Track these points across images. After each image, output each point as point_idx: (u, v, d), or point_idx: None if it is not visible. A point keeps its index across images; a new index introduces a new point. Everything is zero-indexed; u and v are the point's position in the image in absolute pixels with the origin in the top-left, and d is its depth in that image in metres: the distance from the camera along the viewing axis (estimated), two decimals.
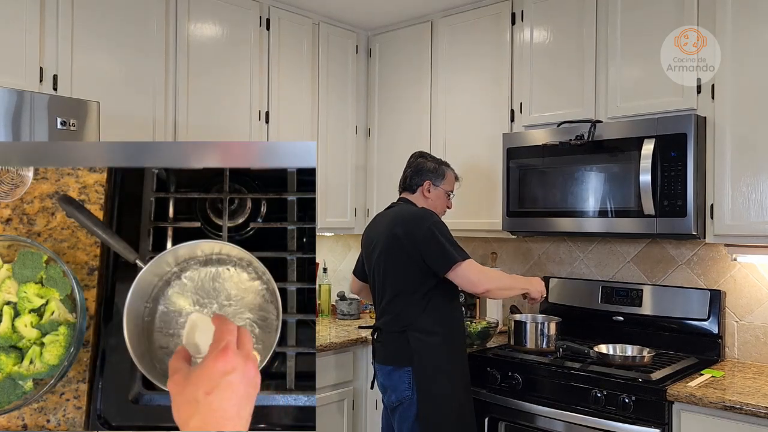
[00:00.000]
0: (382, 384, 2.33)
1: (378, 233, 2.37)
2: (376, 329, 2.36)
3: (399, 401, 2.24)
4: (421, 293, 2.24)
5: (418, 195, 2.44)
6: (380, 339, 2.33)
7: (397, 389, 2.24)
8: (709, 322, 2.51)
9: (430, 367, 2.21)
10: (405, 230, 2.24)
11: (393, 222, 2.30)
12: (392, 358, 2.27)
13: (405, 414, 2.23)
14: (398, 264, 2.26)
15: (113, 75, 2.50)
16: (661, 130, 2.32)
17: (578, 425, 2.25)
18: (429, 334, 2.23)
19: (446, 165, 2.52)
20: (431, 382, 2.20)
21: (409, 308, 2.24)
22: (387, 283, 2.31)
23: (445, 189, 2.48)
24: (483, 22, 3.02)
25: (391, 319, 2.29)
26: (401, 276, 2.26)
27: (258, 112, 3.00)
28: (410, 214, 2.32)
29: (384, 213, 2.47)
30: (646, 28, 2.46)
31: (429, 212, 2.32)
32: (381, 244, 2.33)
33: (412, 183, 2.45)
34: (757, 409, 1.90)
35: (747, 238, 2.25)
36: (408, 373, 2.22)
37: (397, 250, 2.26)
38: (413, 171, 2.46)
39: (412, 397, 2.21)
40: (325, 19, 3.32)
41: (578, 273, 2.99)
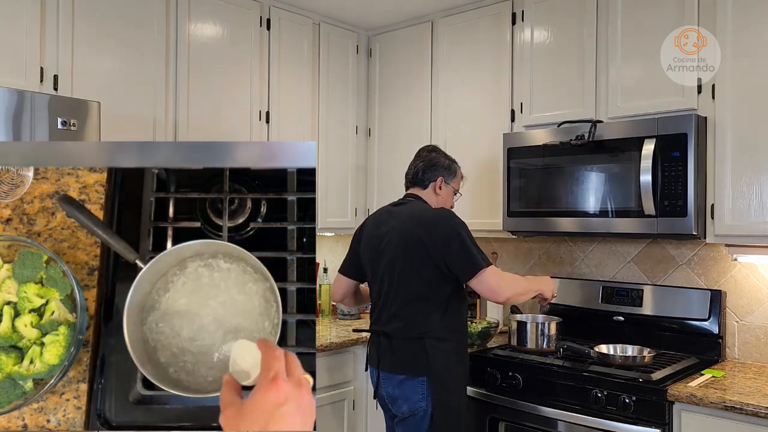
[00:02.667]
0: (390, 394, 2.17)
1: (389, 232, 2.21)
2: (383, 334, 2.19)
3: (411, 412, 2.12)
4: (439, 299, 2.13)
5: (430, 191, 2.33)
6: (390, 346, 2.16)
7: (410, 399, 2.11)
8: (710, 322, 2.51)
9: (445, 377, 2.11)
10: (428, 232, 2.11)
11: (412, 222, 2.15)
12: (405, 367, 2.12)
13: (418, 426, 2.11)
14: (417, 267, 2.13)
15: (114, 75, 2.50)
16: (662, 130, 2.32)
17: (579, 425, 2.25)
18: (444, 341, 2.12)
19: (456, 163, 2.43)
20: (448, 393, 2.11)
21: (427, 314, 2.12)
22: (401, 286, 2.16)
23: (454, 187, 2.41)
24: (483, 22, 3.02)
25: (404, 325, 2.14)
26: (419, 280, 2.13)
27: (258, 112, 3.00)
28: (433, 215, 2.18)
29: (392, 211, 2.30)
30: (646, 28, 2.46)
31: (452, 213, 2.20)
32: (395, 244, 2.18)
33: (424, 177, 2.32)
34: (757, 410, 1.90)
35: (747, 238, 2.25)
36: (423, 383, 2.09)
37: (417, 252, 2.12)
38: (426, 165, 2.33)
39: (427, 408, 2.09)
40: (325, 19, 3.32)
41: (579, 273, 2.99)
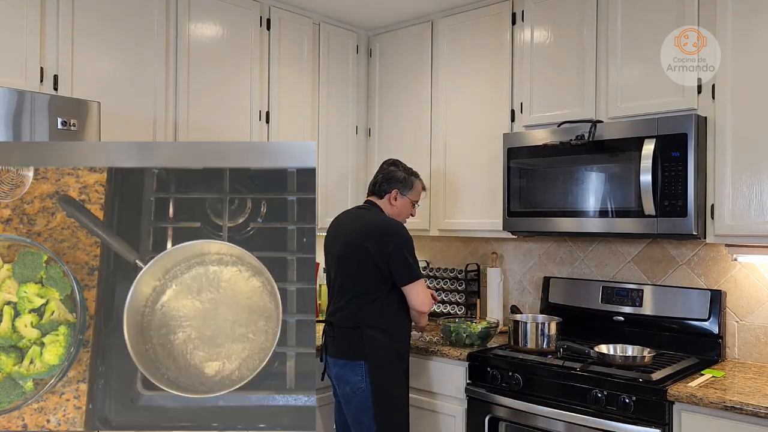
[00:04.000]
0: (335, 375, 2.43)
1: (343, 236, 2.46)
2: (329, 324, 2.46)
3: (353, 392, 2.36)
4: (377, 295, 2.37)
5: (385, 201, 2.57)
6: (333, 334, 2.42)
7: (350, 381, 2.37)
8: (710, 322, 2.51)
9: (381, 361, 2.35)
10: (375, 240, 2.36)
11: (362, 233, 2.40)
12: (345, 352, 2.38)
13: (362, 404, 2.35)
14: (359, 267, 2.38)
15: (114, 75, 2.50)
16: (662, 130, 2.32)
17: (578, 425, 2.25)
18: (379, 330, 2.35)
19: (416, 176, 2.64)
20: (384, 376, 2.35)
21: (365, 307, 2.36)
22: (345, 283, 2.42)
23: (411, 199, 2.62)
24: (483, 22, 3.02)
25: (345, 315, 2.39)
26: (361, 278, 2.38)
27: (258, 112, 3.00)
28: (380, 230, 2.40)
29: (352, 215, 2.56)
30: (646, 28, 2.46)
31: (401, 227, 2.45)
32: (345, 246, 2.43)
33: (381, 189, 2.57)
34: (757, 410, 1.89)
35: (747, 238, 2.25)
36: (361, 365, 2.34)
37: (361, 254, 2.36)
38: (383, 178, 2.58)
39: (366, 388, 2.34)
40: (325, 19, 3.32)
41: (579, 273, 2.99)
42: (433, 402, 2.70)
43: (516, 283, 3.21)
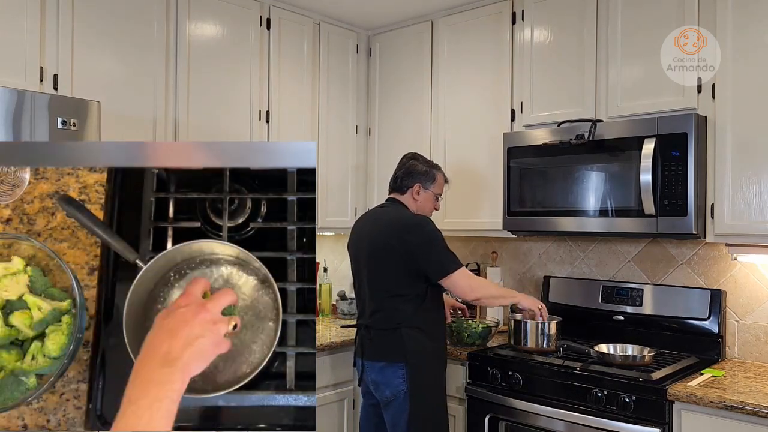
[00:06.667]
0: (373, 380, 2.37)
1: (369, 234, 2.42)
2: (365, 327, 2.40)
3: (393, 395, 2.31)
4: (413, 294, 2.32)
5: (408, 196, 2.50)
6: (370, 336, 2.37)
7: (391, 384, 2.31)
8: (710, 321, 2.51)
9: (421, 362, 2.30)
10: (401, 237, 2.30)
11: (388, 230, 2.35)
12: (385, 354, 2.32)
13: (401, 407, 2.30)
14: (389, 267, 2.33)
15: (114, 75, 2.50)
16: (662, 129, 2.32)
17: (579, 425, 2.25)
18: (418, 330, 2.31)
19: (437, 168, 2.57)
20: (424, 377, 2.30)
21: (402, 307, 2.31)
22: (377, 284, 2.37)
23: (435, 192, 2.54)
24: (483, 21, 3.02)
25: (382, 317, 2.34)
26: (392, 278, 2.33)
27: (258, 112, 3.00)
28: (406, 224, 2.35)
29: (374, 214, 2.52)
30: (646, 28, 2.46)
31: (425, 220, 2.38)
32: (372, 246, 2.38)
33: (402, 184, 2.51)
34: (757, 409, 1.90)
35: (747, 238, 2.25)
36: (401, 368, 2.29)
37: (389, 254, 2.32)
38: (404, 173, 2.51)
39: (407, 391, 2.28)
40: (325, 18, 3.32)
41: (579, 272, 2.99)
42: None
43: (516, 282, 3.21)
